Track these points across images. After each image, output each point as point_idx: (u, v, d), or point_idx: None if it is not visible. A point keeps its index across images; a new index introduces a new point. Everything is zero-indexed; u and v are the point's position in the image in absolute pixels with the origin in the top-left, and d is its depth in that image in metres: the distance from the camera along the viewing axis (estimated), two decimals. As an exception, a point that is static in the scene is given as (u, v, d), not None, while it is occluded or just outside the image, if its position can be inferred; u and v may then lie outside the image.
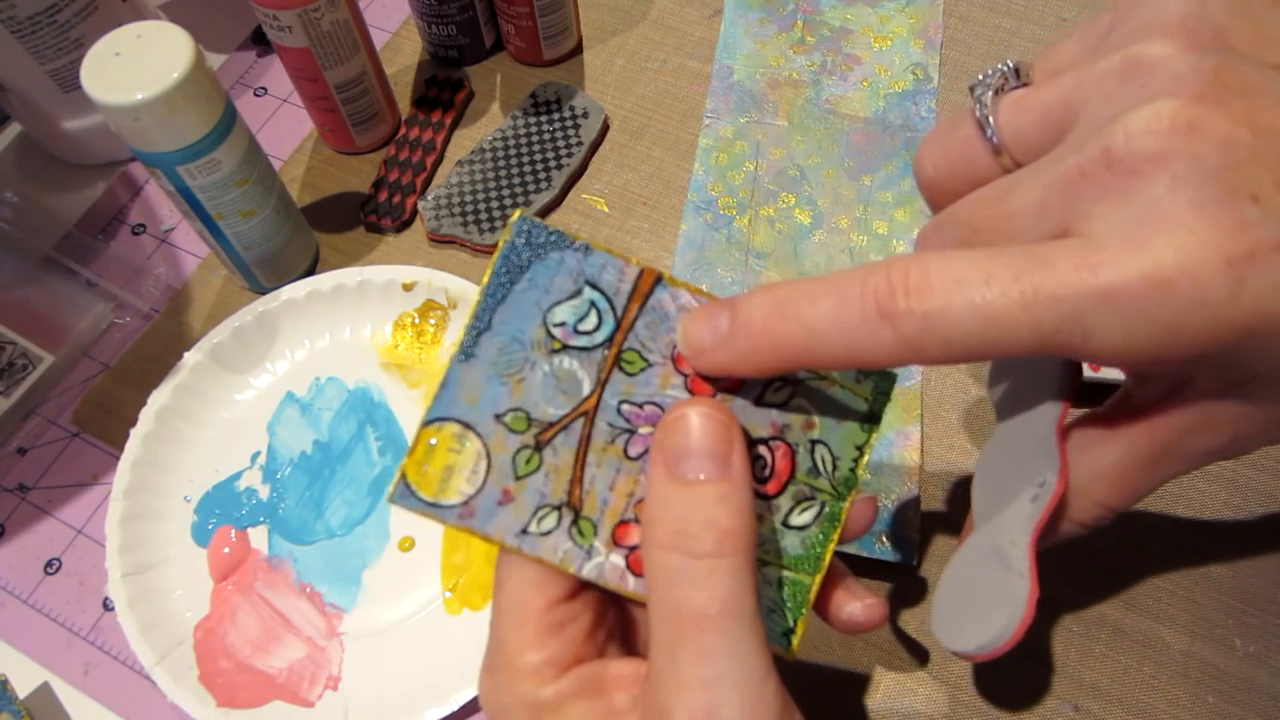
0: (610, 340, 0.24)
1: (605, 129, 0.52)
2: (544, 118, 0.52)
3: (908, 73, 0.52)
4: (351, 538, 0.42)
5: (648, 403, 0.24)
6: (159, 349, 0.48)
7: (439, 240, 0.49)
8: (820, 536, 0.25)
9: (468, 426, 0.23)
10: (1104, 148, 0.20)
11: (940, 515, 0.41)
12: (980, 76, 0.25)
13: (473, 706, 0.38)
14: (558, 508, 0.23)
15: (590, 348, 0.24)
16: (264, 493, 0.43)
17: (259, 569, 0.42)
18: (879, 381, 0.26)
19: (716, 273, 0.47)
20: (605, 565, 0.24)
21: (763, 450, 0.25)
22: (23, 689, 0.40)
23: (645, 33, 0.56)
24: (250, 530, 0.42)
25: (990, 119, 0.24)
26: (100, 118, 0.51)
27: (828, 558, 0.25)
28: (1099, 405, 0.26)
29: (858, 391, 0.26)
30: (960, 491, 0.42)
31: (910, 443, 0.42)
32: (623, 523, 0.24)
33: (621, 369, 0.24)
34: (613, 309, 0.24)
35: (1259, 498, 0.41)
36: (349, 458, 0.44)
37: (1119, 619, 0.39)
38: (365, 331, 0.47)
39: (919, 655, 0.38)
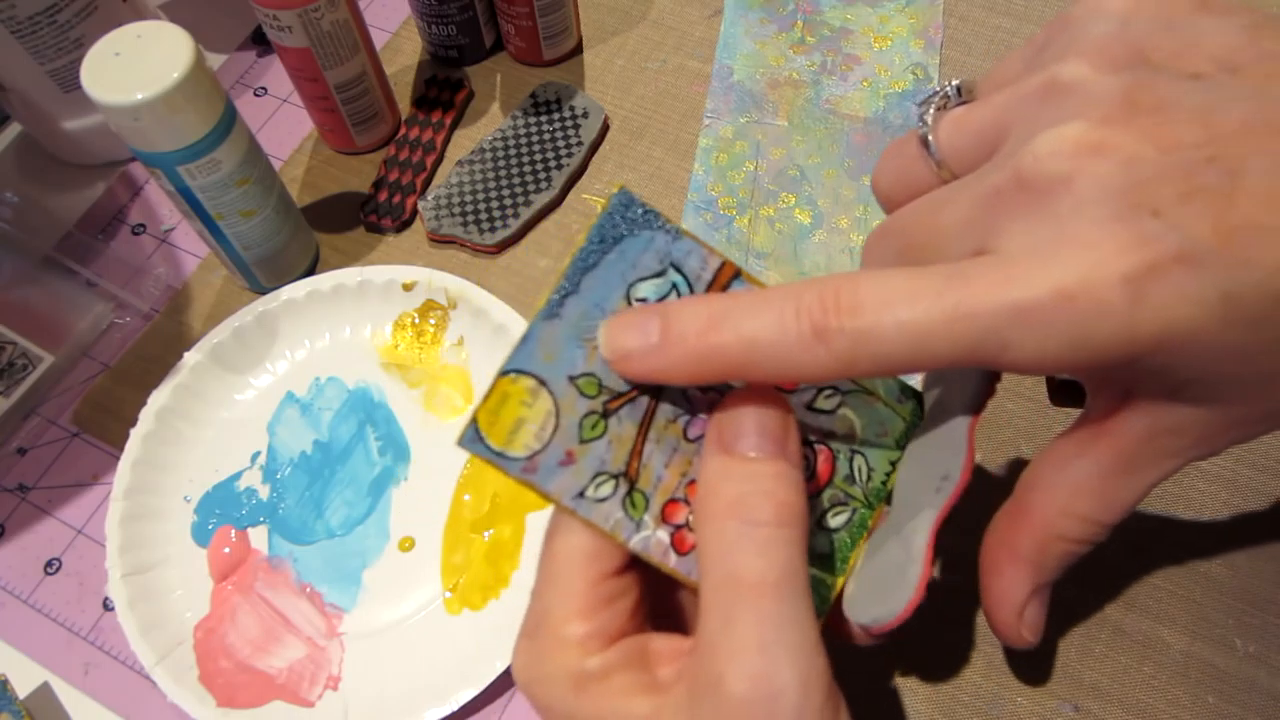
0: None
1: (605, 129, 0.52)
2: (544, 118, 0.52)
3: (908, 73, 0.52)
4: (351, 538, 0.42)
5: (711, 389, 0.25)
6: (159, 349, 0.48)
7: (439, 240, 0.49)
8: (848, 540, 0.27)
9: (542, 383, 0.23)
10: (1015, 168, 0.21)
11: (940, 515, 0.41)
12: (927, 93, 0.26)
13: (473, 706, 0.38)
14: (615, 477, 0.24)
15: None
16: (264, 493, 0.43)
17: (259, 569, 0.42)
18: (917, 404, 0.27)
19: (716, 273, 0.47)
20: (651, 539, 0.24)
21: (807, 452, 0.26)
22: (23, 689, 0.40)
23: (645, 33, 0.56)
24: (250, 530, 0.42)
25: (930, 136, 0.25)
26: (100, 118, 0.51)
27: (853, 562, 0.26)
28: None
29: (898, 411, 0.27)
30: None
31: (910, 443, 0.42)
32: (672, 501, 0.24)
33: None
34: (692, 293, 0.25)
35: (1259, 498, 0.41)
36: (349, 458, 0.44)
37: (1119, 619, 0.39)
38: (365, 331, 0.47)
39: (919, 655, 0.38)
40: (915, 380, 0.44)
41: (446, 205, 0.49)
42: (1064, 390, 0.30)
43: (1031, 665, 0.38)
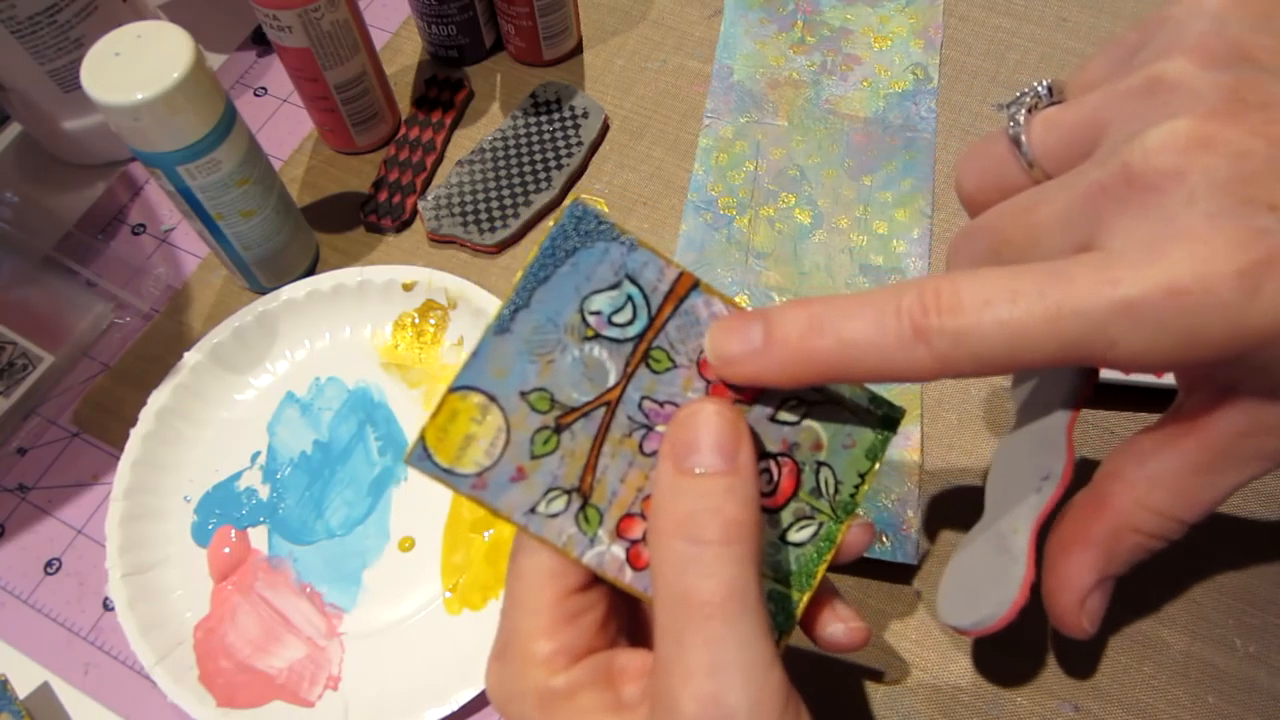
0: (641, 336, 0.24)
1: (605, 129, 0.52)
2: (544, 118, 0.52)
3: (908, 73, 0.52)
4: (351, 538, 0.42)
5: (668, 402, 0.24)
6: (159, 349, 0.48)
7: (439, 240, 0.49)
8: (814, 555, 0.26)
9: (492, 399, 0.23)
10: (1123, 164, 0.21)
11: (940, 515, 0.41)
12: (1016, 94, 0.26)
13: (473, 706, 0.38)
14: (568, 492, 0.24)
15: (621, 340, 0.24)
16: (264, 493, 0.43)
17: (259, 569, 0.42)
18: (888, 413, 0.27)
19: (716, 273, 0.47)
20: (606, 555, 0.24)
21: (770, 464, 0.25)
22: (23, 689, 0.40)
23: (645, 33, 0.56)
24: (250, 530, 0.42)
25: (1022, 136, 0.25)
26: (100, 118, 0.51)
27: (819, 576, 0.26)
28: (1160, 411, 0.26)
29: (868, 422, 0.26)
30: (960, 491, 0.42)
31: (910, 443, 0.42)
32: (628, 516, 0.24)
33: (648, 366, 0.24)
34: (648, 306, 0.24)
35: (1259, 498, 0.41)
36: (349, 458, 0.44)
37: (1119, 619, 0.39)
38: (365, 331, 0.47)
39: (919, 655, 0.38)
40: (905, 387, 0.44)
41: (446, 205, 0.49)
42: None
43: (1031, 665, 0.38)
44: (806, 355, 0.22)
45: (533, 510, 0.23)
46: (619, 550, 0.24)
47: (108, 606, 0.42)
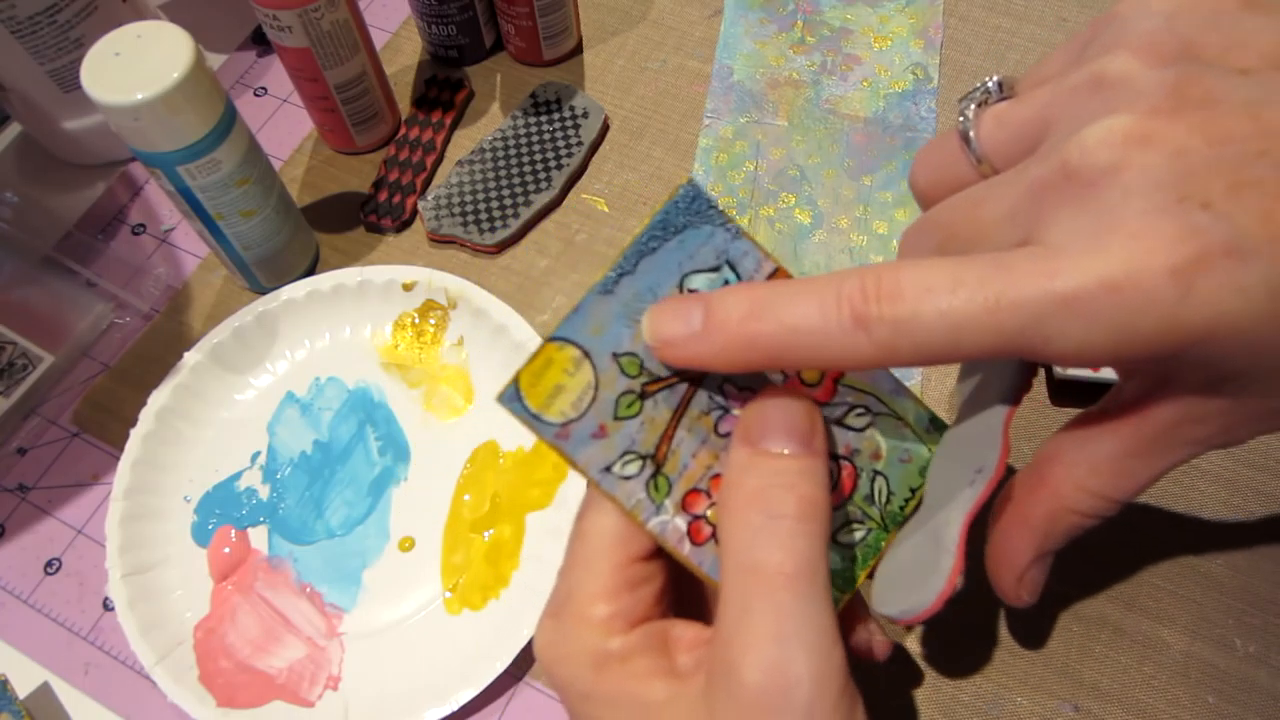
0: None
1: (605, 129, 0.52)
2: (544, 118, 0.52)
3: (908, 73, 0.52)
4: (351, 538, 0.42)
5: (747, 388, 0.25)
6: (159, 349, 0.48)
7: (439, 240, 0.49)
8: (860, 558, 0.27)
9: (586, 354, 0.24)
10: (1063, 160, 0.21)
11: (940, 515, 0.41)
12: (968, 90, 0.26)
13: (473, 706, 0.38)
14: (643, 458, 0.24)
15: None
16: (264, 493, 0.43)
17: (259, 569, 0.42)
18: (943, 437, 0.27)
19: (716, 273, 0.47)
20: (669, 525, 0.24)
21: (832, 465, 0.26)
22: (23, 689, 0.40)
23: (645, 33, 0.56)
24: (250, 530, 0.42)
25: (971, 132, 0.25)
26: (100, 118, 0.51)
27: (860, 580, 0.27)
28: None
29: (926, 441, 0.28)
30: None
31: (910, 443, 0.42)
32: (694, 490, 0.25)
33: None
34: None
35: (1259, 498, 0.41)
36: (349, 458, 0.44)
37: (1119, 619, 0.39)
38: (365, 331, 0.47)
39: (919, 655, 0.38)
40: (933, 404, 0.44)
41: (446, 205, 0.49)
42: (1065, 390, 0.30)
43: (1031, 665, 0.38)
44: (746, 339, 0.22)
45: (608, 469, 0.24)
46: (681, 522, 0.25)
47: (108, 606, 0.42)
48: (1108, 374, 0.40)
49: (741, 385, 0.25)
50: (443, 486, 0.43)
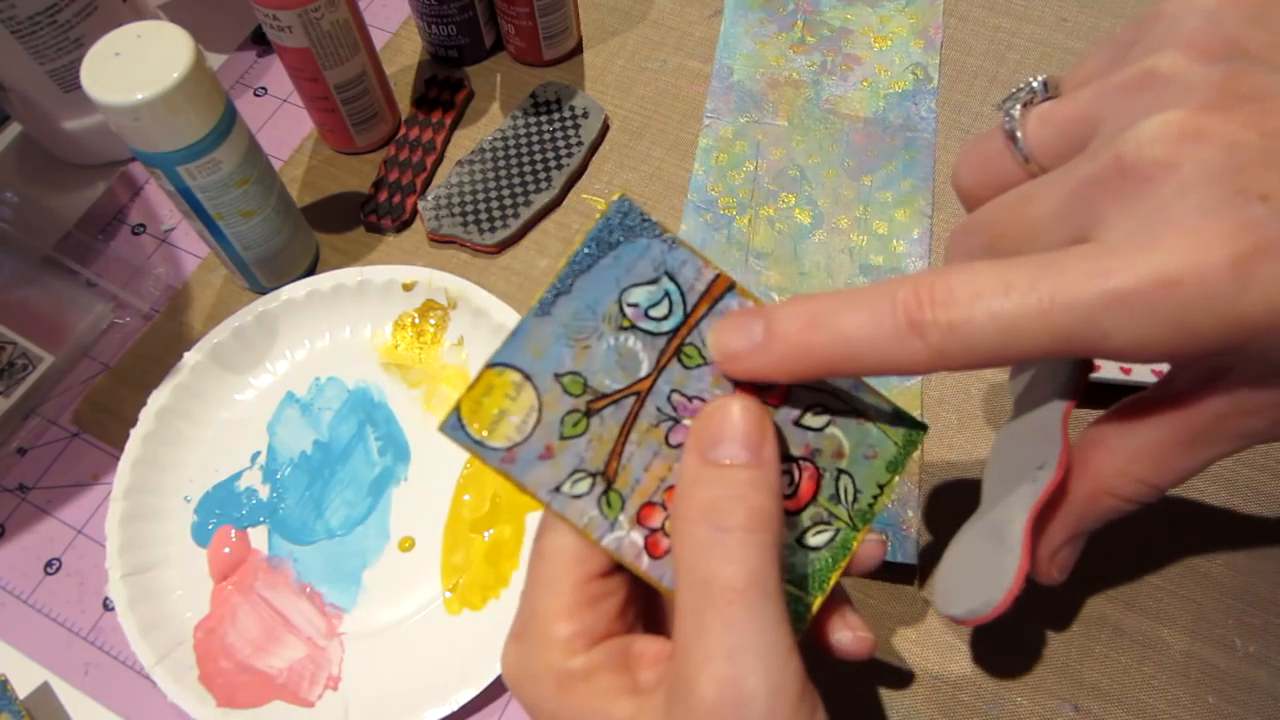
0: (675, 331, 0.25)
1: (605, 129, 0.52)
2: (544, 118, 0.52)
3: (908, 73, 0.52)
4: (351, 538, 0.42)
5: (696, 397, 0.25)
6: (159, 349, 0.48)
7: (439, 240, 0.49)
8: (829, 560, 0.26)
9: (527, 377, 0.24)
10: (1116, 155, 0.21)
11: (940, 514, 0.41)
12: (1011, 91, 0.26)
13: (473, 706, 0.38)
14: (593, 475, 0.24)
15: (656, 333, 0.25)
16: (264, 493, 0.43)
17: (259, 569, 0.42)
18: (910, 431, 0.27)
19: (716, 273, 0.47)
20: (625, 540, 0.24)
21: (791, 467, 0.26)
22: (23, 689, 0.40)
23: (645, 33, 0.56)
24: (250, 530, 0.42)
25: (1018, 131, 0.25)
26: (100, 118, 0.51)
27: (832, 582, 0.26)
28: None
29: (890, 435, 0.27)
30: (960, 491, 0.42)
31: (910, 443, 0.42)
32: (649, 504, 0.25)
33: (680, 360, 0.25)
34: (684, 303, 0.25)
35: (1259, 498, 0.41)
36: (349, 458, 0.44)
37: (1119, 619, 0.39)
38: (365, 331, 0.47)
39: (919, 655, 0.38)
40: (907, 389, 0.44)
41: (446, 205, 0.49)
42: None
43: (1031, 665, 0.38)
44: (805, 350, 0.23)
45: (557, 489, 0.24)
46: (638, 537, 0.24)
47: (108, 606, 0.42)
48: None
49: (691, 394, 0.25)
50: (443, 486, 0.43)
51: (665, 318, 0.25)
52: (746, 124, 0.51)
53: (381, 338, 0.46)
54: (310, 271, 0.49)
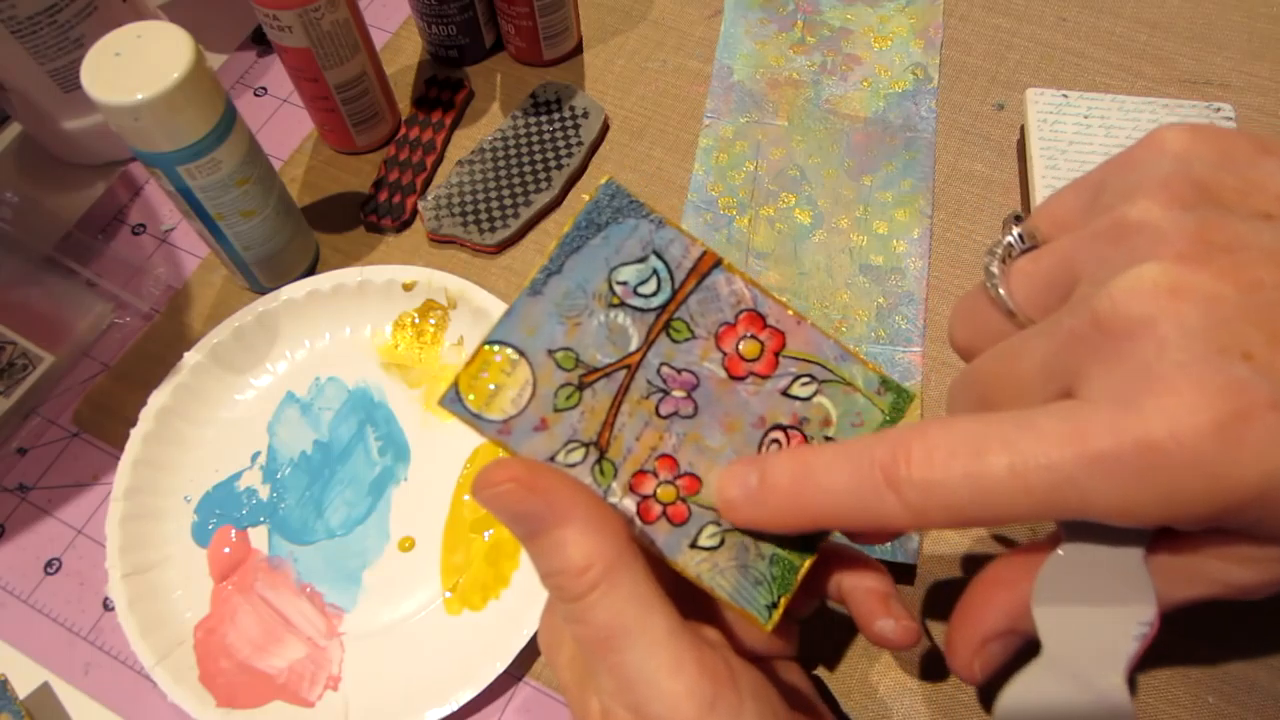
0: (664, 307, 0.26)
1: (605, 129, 0.52)
2: (544, 118, 0.52)
3: (908, 73, 0.52)
4: (351, 538, 0.42)
5: (685, 370, 0.26)
6: (159, 349, 0.48)
7: (439, 240, 0.49)
8: None
9: (522, 353, 0.25)
10: (1092, 313, 0.21)
11: (940, 515, 0.41)
12: (990, 247, 0.26)
13: (472, 706, 0.38)
14: (586, 445, 0.25)
15: (645, 309, 0.26)
16: (264, 493, 0.43)
17: (259, 569, 0.42)
18: (897, 398, 0.27)
19: (716, 273, 0.47)
20: (618, 506, 0.25)
21: (780, 435, 0.26)
22: (23, 689, 0.40)
23: (645, 33, 0.56)
24: (250, 530, 0.42)
25: (1000, 289, 0.25)
26: (100, 118, 0.51)
27: (820, 543, 0.27)
28: None
29: (877, 403, 0.27)
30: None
31: (910, 443, 0.42)
32: (641, 472, 0.26)
33: (669, 335, 0.26)
34: (672, 279, 0.26)
35: (1259, 498, 0.41)
36: (349, 458, 0.44)
37: (1119, 619, 0.39)
38: (365, 331, 0.47)
39: (919, 655, 0.38)
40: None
41: (446, 205, 0.49)
42: None
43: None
44: (794, 503, 0.23)
45: (552, 459, 0.25)
46: (630, 503, 0.25)
47: (108, 606, 0.42)
48: None
49: (679, 367, 0.26)
50: (443, 486, 0.43)
51: (654, 294, 0.26)
52: (746, 124, 0.51)
53: (381, 338, 0.46)
54: (310, 271, 0.49)
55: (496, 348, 0.25)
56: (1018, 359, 0.23)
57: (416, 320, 0.46)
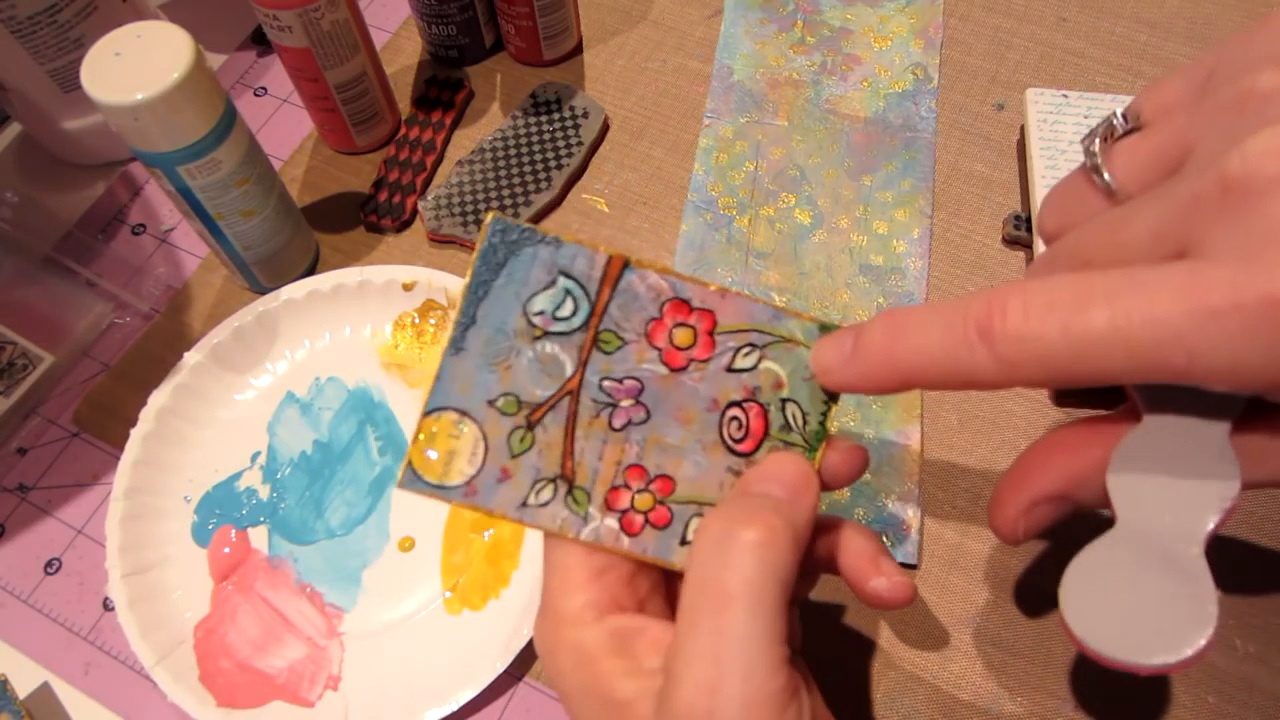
0: (586, 324, 0.26)
1: (605, 129, 0.52)
2: (544, 118, 0.52)
3: (908, 73, 0.52)
4: (351, 538, 0.42)
5: (626, 377, 0.26)
6: (159, 349, 0.48)
7: (439, 240, 0.49)
8: None
9: (463, 413, 0.25)
10: (1220, 172, 0.20)
11: (940, 514, 0.41)
12: (1089, 129, 0.26)
13: (472, 706, 0.38)
14: (553, 480, 0.25)
15: (569, 332, 0.26)
16: (264, 493, 0.43)
17: (259, 569, 0.42)
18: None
19: (717, 272, 0.47)
20: (600, 529, 0.25)
21: (737, 412, 0.27)
22: (23, 689, 0.40)
23: (645, 33, 0.56)
24: (250, 530, 0.42)
25: (1101, 166, 0.24)
26: (100, 118, 0.51)
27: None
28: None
29: None
30: (960, 491, 0.42)
31: (910, 442, 0.42)
32: (614, 489, 0.26)
33: (599, 349, 0.26)
34: (587, 295, 0.26)
35: (1259, 498, 0.41)
36: (349, 458, 0.44)
37: (1119, 619, 0.39)
38: (365, 331, 0.47)
39: (919, 655, 0.38)
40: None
41: (446, 205, 0.49)
42: (1071, 390, 0.29)
43: (1031, 665, 0.38)
44: (887, 360, 0.23)
45: (524, 504, 0.25)
46: (612, 522, 0.26)
47: (108, 606, 0.42)
48: None
49: (620, 377, 0.26)
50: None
51: (573, 314, 0.26)
52: (746, 124, 0.51)
53: (381, 338, 0.46)
54: (310, 271, 0.49)
55: (436, 415, 0.25)
56: (1122, 227, 0.22)
57: (416, 320, 0.46)
